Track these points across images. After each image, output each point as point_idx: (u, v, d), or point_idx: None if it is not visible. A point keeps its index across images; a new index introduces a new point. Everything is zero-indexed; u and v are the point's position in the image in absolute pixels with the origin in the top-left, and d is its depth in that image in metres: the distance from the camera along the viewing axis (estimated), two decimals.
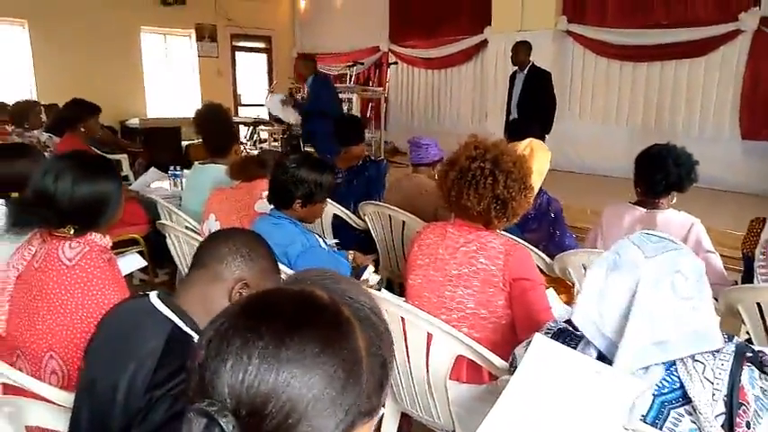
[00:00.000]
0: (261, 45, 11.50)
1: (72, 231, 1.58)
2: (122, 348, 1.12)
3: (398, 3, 9.94)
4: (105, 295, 1.55)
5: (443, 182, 1.95)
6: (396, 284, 3.29)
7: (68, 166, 1.58)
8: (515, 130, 5.87)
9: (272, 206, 2.37)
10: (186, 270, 2.69)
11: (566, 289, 2.53)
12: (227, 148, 3.25)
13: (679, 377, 1.07)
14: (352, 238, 3.35)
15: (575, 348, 1.18)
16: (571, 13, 7.60)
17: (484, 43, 8.66)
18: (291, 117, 7.24)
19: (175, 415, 1.03)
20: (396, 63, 9.72)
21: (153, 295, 1.22)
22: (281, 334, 0.58)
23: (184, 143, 8.95)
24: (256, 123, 9.91)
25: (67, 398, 1.38)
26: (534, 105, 5.96)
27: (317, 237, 2.27)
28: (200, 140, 8.48)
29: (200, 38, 10.56)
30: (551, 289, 2.11)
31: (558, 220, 2.72)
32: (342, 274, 0.77)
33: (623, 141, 7.15)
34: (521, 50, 6.06)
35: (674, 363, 1.09)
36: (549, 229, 2.69)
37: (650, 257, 1.10)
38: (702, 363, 1.07)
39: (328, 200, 3.19)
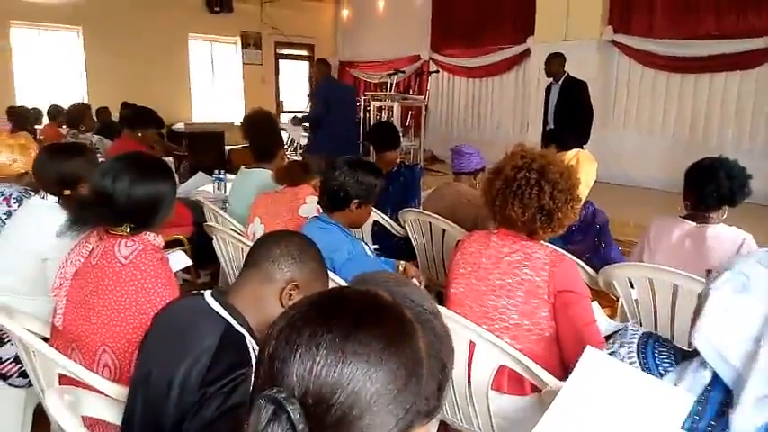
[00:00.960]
0: (303, 53, 11.69)
1: (128, 230, 1.64)
2: (178, 344, 1.15)
3: (440, 11, 9.97)
4: (158, 293, 1.60)
5: (488, 191, 1.94)
6: (433, 292, 3.29)
7: (126, 167, 1.64)
8: (551, 141, 5.88)
9: (319, 210, 2.40)
10: (232, 271, 2.76)
11: (609, 303, 2.49)
12: (273, 154, 3.31)
13: None
14: (391, 244, 3.36)
15: (671, 363, 1.12)
16: (617, 24, 7.48)
17: (526, 53, 8.60)
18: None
19: (227, 411, 1.06)
20: (437, 72, 9.75)
21: (207, 294, 1.25)
22: (348, 329, 0.61)
23: (227, 148, 9.16)
24: (304, 129, 10.08)
25: (120, 391, 1.43)
26: (571, 116, 5.89)
27: (364, 244, 2.29)
28: (244, 145, 8.62)
29: (245, 45, 10.80)
30: (595, 302, 2.08)
31: (604, 232, 2.67)
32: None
33: (668, 154, 7.00)
34: (554, 62, 6.00)
35: None
36: (594, 240, 2.65)
37: None
38: None
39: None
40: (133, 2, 9.21)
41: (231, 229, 2.94)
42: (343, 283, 1.88)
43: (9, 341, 2.00)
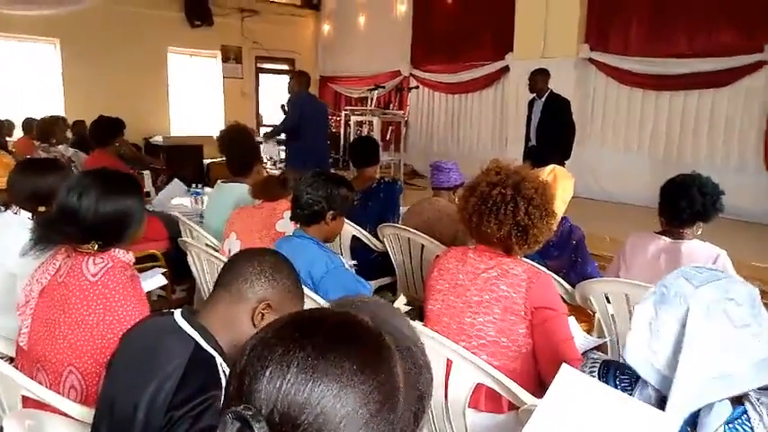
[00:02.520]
0: (284, 67, 11.68)
1: (96, 247, 1.60)
2: (144, 366, 1.11)
3: (421, 28, 10.05)
4: (127, 311, 1.56)
5: (464, 207, 1.94)
6: (416, 308, 3.27)
7: (92, 183, 1.60)
8: (534, 157, 5.93)
9: (295, 226, 2.38)
10: (207, 288, 2.71)
11: (587, 318, 2.49)
12: (250, 167, 3.28)
13: (751, 425, 1.02)
14: (370, 260, 3.34)
15: (631, 387, 1.15)
16: (594, 42, 7.61)
17: (505, 69, 8.69)
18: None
19: None
20: (417, 87, 9.81)
21: (177, 313, 1.22)
22: (321, 348, 0.59)
23: (206, 161, 9.09)
24: (277, 143, 10.04)
25: (87, 413, 1.39)
26: (553, 132, 5.94)
27: (341, 257, 2.27)
28: (223, 159, 8.55)
29: (225, 59, 10.77)
30: (572, 317, 2.07)
31: (581, 248, 2.68)
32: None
33: (644, 170, 7.11)
34: (538, 78, 6.06)
35: (746, 411, 1.04)
36: (570, 256, 2.66)
37: (699, 287, 1.07)
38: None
39: (347, 221, 3.21)
40: (112, 15, 9.13)
41: (207, 245, 2.89)
42: (322, 300, 1.85)
43: None
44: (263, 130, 11.14)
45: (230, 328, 1.22)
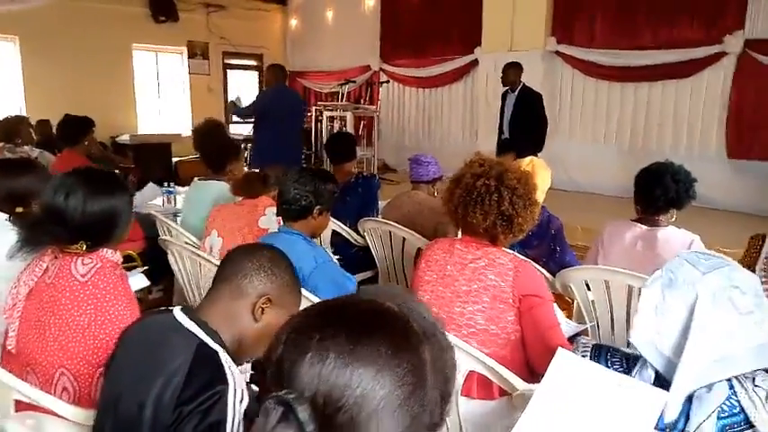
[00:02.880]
0: (252, 63, 11.57)
1: (84, 248, 1.58)
2: (149, 364, 1.11)
3: (389, 22, 10.06)
4: (118, 311, 1.54)
5: (449, 199, 1.97)
6: None
7: (79, 183, 1.58)
8: (507, 150, 6.01)
9: (279, 222, 2.38)
10: (188, 287, 2.69)
11: (566, 305, 2.55)
12: (224, 164, 3.25)
13: (739, 402, 1.07)
14: (351, 254, 3.36)
15: (623, 369, 1.19)
16: (560, 34, 7.74)
17: (474, 63, 8.77)
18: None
19: (206, 429, 1.03)
20: (387, 82, 9.83)
21: (177, 310, 1.22)
22: (357, 334, 0.62)
23: (175, 159, 8.96)
24: (247, 140, 9.94)
25: (82, 414, 1.37)
26: (526, 125, 6.03)
27: (327, 251, 2.29)
28: (193, 157, 8.41)
29: (191, 55, 10.59)
30: (554, 304, 2.13)
31: (559, 237, 2.75)
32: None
33: (612, 160, 7.28)
34: (511, 71, 6.12)
35: (732, 387, 1.09)
36: (549, 245, 2.72)
37: (706, 273, 1.11)
38: (764, 389, 1.07)
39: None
40: (74, 10, 8.89)
41: (186, 243, 2.87)
42: (314, 297, 1.86)
43: None
44: (232, 128, 11.03)
45: (231, 324, 1.23)
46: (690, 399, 1.11)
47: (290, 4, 11.68)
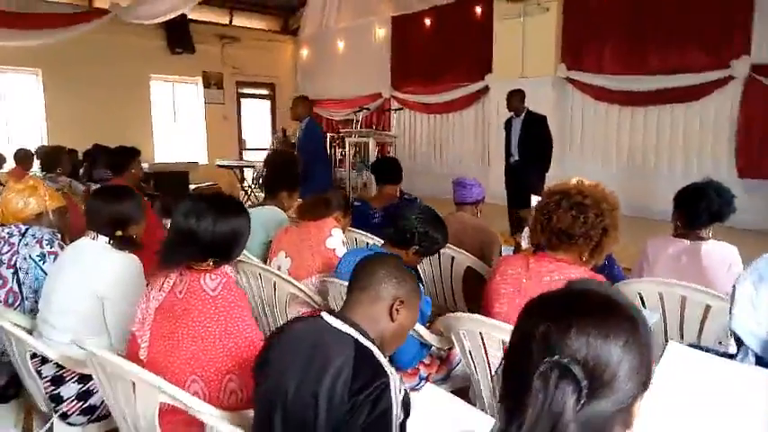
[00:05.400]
0: (265, 92, 11.84)
1: (211, 264, 1.74)
2: (317, 360, 1.27)
3: (399, 50, 10.37)
4: (245, 321, 1.71)
5: (553, 209, 2.04)
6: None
7: (207, 207, 1.75)
8: (517, 172, 6.22)
9: (344, 242, 2.55)
10: (254, 304, 2.84)
11: None
12: (277, 192, 3.45)
13: None
14: None
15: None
16: (570, 61, 8.02)
17: (485, 90, 9.04)
18: None
19: (378, 417, 1.19)
20: (401, 109, 10.06)
21: (326, 315, 1.38)
22: (604, 313, 0.79)
23: (192, 187, 9.14)
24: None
25: (227, 415, 1.52)
26: (533, 148, 6.22)
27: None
28: (210, 184, 8.59)
29: (206, 85, 10.88)
30: None
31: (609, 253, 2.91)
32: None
33: (623, 182, 7.46)
34: (514, 99, 6.31)
35: None
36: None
37: None
38: None
39: (372, 237, 3.39)
40: (94, 44, 9.16)
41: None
42: None
43: (70, 380, 2.04)
44: (246, 155, 11.26)
45: (374, 324, 1.40)
46: None
47: (300, 34, 12.01)
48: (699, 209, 2.61)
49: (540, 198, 2.20)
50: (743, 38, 6.51)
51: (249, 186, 9.76)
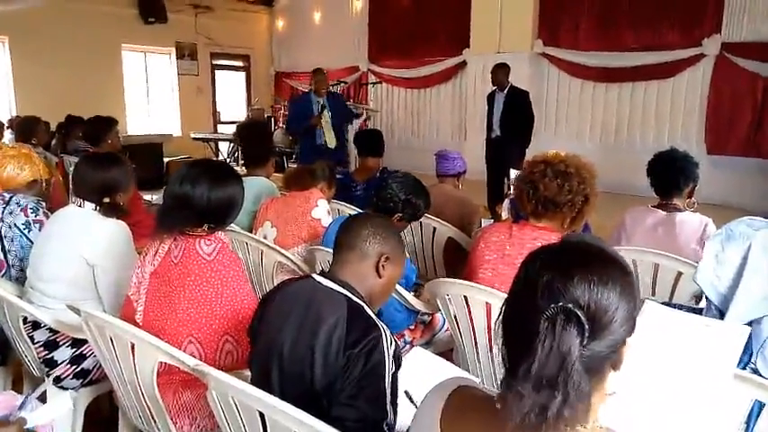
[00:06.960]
0: (239, 63, 11.67)
1: (206, 229, 1.78)
2: (310, 316, 1.34)
3: (377, 24, 10.29)
4: (240, 285, 1.75)
5: (539, 178, 2.11)
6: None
7: (202, 173, 1.78)
8: (497, 146, 6.30)
9: (329, 212, 2.59)
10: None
11: None
12: (266, 161, 3.44)
13: None
14: None
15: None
16: (546, 37, 8.10)
17: (462, 64, 9.06)
18: None
19: (372, 368, 1.26)
20: (379, 83, 10.03)
21: (316, 276, 1.45)
22: (603, 263, 0.86)
23: (165, 159, 9.04)
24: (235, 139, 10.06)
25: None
26: (515, 123, 6.30)
27: None
28: (184, 157, 8.49)
29: (180, 56, 10.67)
30: None
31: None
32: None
33: (597, 157, 7.51)
34: (500, 72, 6.35)
35: None
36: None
37: (758, 229, 1.40)
38: None
39: (357, 210, 3.43)
40: (63, 11, 8.90)
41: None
42: None
43: (64, 344, 2.06)
44: (221, 128, 11.12)
45: (362, 282, 1.46)
46: (750, 336, 1.39)
47: (276, 5, 11.82)
48: (669, 174, 2.73)
49: (518, 172, 2.27)
50: (714, 16, 6.65)
51: (225, 159, 9.68)
